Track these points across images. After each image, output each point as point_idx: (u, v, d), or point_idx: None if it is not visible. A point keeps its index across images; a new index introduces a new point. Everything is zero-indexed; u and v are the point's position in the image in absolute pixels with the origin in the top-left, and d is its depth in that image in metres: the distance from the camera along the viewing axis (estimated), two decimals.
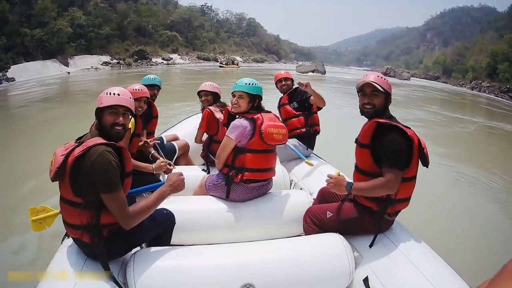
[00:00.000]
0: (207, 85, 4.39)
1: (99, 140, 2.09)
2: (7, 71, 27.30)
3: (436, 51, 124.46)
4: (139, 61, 50.55)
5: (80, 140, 2.16)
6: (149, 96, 3.65)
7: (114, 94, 2.21)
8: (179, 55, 65.95)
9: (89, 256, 2.23)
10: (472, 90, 49.66)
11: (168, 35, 66.19)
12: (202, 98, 4.41)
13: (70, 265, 2.17)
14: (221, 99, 4.45)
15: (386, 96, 2.55)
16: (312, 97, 4.40)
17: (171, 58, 60.15)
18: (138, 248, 2.51)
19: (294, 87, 4.78)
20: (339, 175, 2.75)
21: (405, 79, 55.45)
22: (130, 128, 3.25)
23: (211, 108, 4.21)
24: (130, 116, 2.33)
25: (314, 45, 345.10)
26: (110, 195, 2.02)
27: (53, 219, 2.66)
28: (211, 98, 4.38)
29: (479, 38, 75.21)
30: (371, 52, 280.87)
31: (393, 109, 2.64)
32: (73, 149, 2.07)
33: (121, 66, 45.66)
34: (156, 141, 4.14)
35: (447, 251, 3.08)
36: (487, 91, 45.96)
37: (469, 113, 21.64)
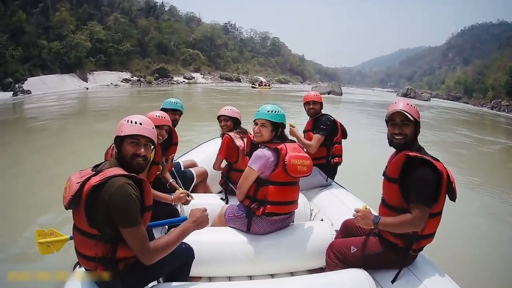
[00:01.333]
0: (227, 110, 4.25)
1: (119, 171, 2.04)
2: (23, 83, 27.36)
3: (458, 70, 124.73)
4: (159, 79, 50.28)
5: (97, 169, 2.11)
6: (170, 125, 3.56)
7: (135, 123, 2.15)
8: (201, 74, 65.79)
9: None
10: (492, 109, 48.41)
11: (190, 53, 66.33)
12: (222, 124, 4.28)
13: None
14: (241, 125, 4.30)
15: (416, 125, 2.50)
16: (315, 135, 4.36)
17: (193, 77, 59.82)
18: (155, 282, 2.44)
19: (322, 112, 4.63)
20: (366, 208, 2.69)
21: (425, 100, 54.42)
22: (150, 160, 2.97)
23: (231, 134, 4.09)
24: (152, 147, 2.29)
25: (339, 66, 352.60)
26: (130, 229, 1.96)
27: (63, 244, 2.62)
28: (231, 123, 4.23)
29: (498, 56, 74.52)
30: (395, 73, 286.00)
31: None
32: (89, 178, 2.02)
33: (142, 83, 45.37)
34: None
35: (472, 285, 3.24)
36: (506, 110, 45.04)
37: (489, 133, 21.35)
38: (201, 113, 18.96)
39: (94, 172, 2.05)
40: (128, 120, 2.14)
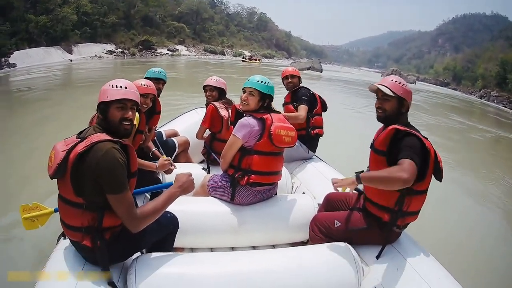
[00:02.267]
0: (213, 80, 4.24)
1: (105, 136, 1.98)
2: (9, 57, 27.08)
3: (447, 56, 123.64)
4: (143, 51, 50.38)
5: (82, 136, 2.04)
6: (155, 93, 3.52)
7: (121, 87, 2.08)
8: (185, 46, 65.65)
9: (88, 260, 2.14)
10: (481, 98, 49.19)
11: (175, 26, 66.04)
12: (207, 93, 4.27)
13: (68, 268, 2.09)
14: (227, 96, 4.31)
15: (399, 101, 2.49)
16: (299, 106, 4.34)
17: (177, 50, 59.81)
18: (139, 253, 2.43)
19: (300, 85, 4.62)
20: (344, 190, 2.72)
21: (411, 83, 54.41)
22: (135, 124, 3.11)
23: (216, 104, 4.09)
24: (136, 109, 2.21)
25: (326, 44, 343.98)
26: (117, 195, 1.91)
27: (47, 218, 2.61)
28: (216, 93, 4.22)
29: (490, 46, 74.99)
30: (383, 54, 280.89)
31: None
32: (75, 145, 1.95)
33: (125, 55, 45.41)
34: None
35: (454, 264, 3.06)
36: (495, 101, 45.44)
37: (478, 121, 21.55)
38: (186, 85, 19.35)
39: (79, 140, 1.98)
40: (112, 85, 2.08)
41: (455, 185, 7.26)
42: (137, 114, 3.08)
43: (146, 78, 3.95)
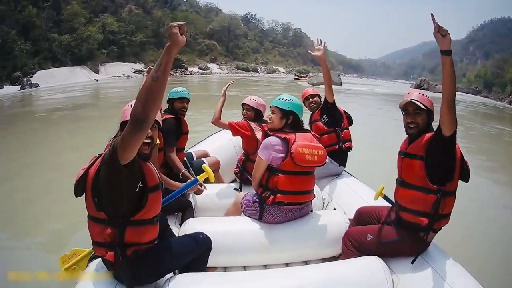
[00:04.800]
0: (251, 100, 4.13)
1: None
2: (31, 77, 27.70)
3: (478, 64, 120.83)
4: (173, 70, 49.89)
5: (102, 154, 2.07)
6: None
7: None
8: (217, 64, 65.63)
9: (118, 280, 2.17)
10: (510, 104, 47.43)
11: (207, 44, 66.21)
12: (243, 112, 4.17)
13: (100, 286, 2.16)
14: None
15: (428, 113, 2.61)
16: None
17: (208, 68, 59.76)
18: (171, 274, 2.42)
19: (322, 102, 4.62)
20: (382, 190, 3.15)
21: (439, 92, 53.06)
22: (158, 143, 3.05)
23: (252, 124, 3.98)
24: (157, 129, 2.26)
25: (363, 58, 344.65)
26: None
27: (86, 260, 2.59)
28: (252, 114, 4.09)
29: None
30: (418, 65, 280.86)
31: None
32: (93, 162, 2.06)
33: None
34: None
35: (482, 274, 2.94)
36: None
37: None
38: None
39: (97, 156, 2.08)
40: (131, 105, 2.07)
41: (485, 191, 7.36)
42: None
43: (169, 99, 4.03)
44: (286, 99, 3.09)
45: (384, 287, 2.46)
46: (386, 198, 3.55)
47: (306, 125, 4.37)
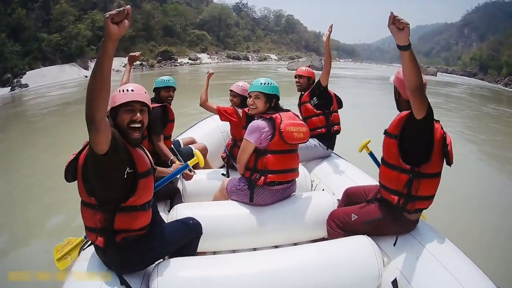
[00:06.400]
0: (237, 86, 4.21)
1: None
2: (21, 77, 27.48)
3: (474, 47, 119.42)
4: (162, 62, 50.24)
5: None
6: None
7: (127, 90, 2.10)
8: (208, 54, 65.03)
9: (109, 267, 2.15)
10: (506, 86, 46.87)
11: (197, 34, 65.51)
12: (230, 98, 4.28)
13: (89, 274, 2.14)
14: None
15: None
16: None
17: (198, 58, 59.25)
18: (161, 260, 2.41)
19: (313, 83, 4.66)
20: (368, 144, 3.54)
21: (431, 75, 51.44)
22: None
23: (239, 110, 4.03)
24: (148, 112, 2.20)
25: (357, 42, 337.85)
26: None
27: (78, 248, 2.70)
28: (238, 100, 4.18)
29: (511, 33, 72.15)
30: (413, 48, 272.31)
31: None
32: (83, 148, 2.02)
33: (144, 67, 45.38)
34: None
35: (474, 251, 3.06)
36: None
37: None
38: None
39: (88, 143, 1.96)
40: (119, 90, 2.10)
41: (479, 169, 7.61)
42: None
43: (155, 88, 4.09)
44: (267, 83, 3.14)
45: (374, 266, 2.49)
46: (371, 155, 3.84)
47: (295, 106, 4.75)
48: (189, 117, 9.37)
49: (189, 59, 57.36)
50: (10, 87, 25.87)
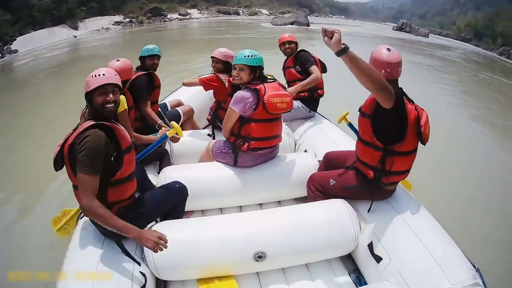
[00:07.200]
0: (219, 53, 4.19)
1: (90, 122, 2.14)
2: (11, 44, 26.77)
3: (469, 14, 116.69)
4: (152, 18, 49.22)
5: (74, 128, 2.20)
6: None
7: (99, 75, 2.20)
8: (198, 9, 64.08)
9: (106, 235, 2.30)
10: (501, 55, 47.45)
11: None
12: (212, 64, 4.28)
13: (90, 245, 2.25)
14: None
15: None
16: (311, 67, 4.40)
17: (188, 13, 58.36)
18: (154, 222, 2.57)
19: (298, 50, 4.71)
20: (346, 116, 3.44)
21: (423, 36, 51.21)
22: (126, 108, 3.21)
23: (221, 76, 4.09)
24: (120, 92, 2.32)
25: (351, 0, 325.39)
26: (82, 175, 2.03)
27: (75, 218, 2.76)
28: (221, 66, 4.19)
29: (509, 6, 71.67)
30: (407, 10, 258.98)
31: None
32: (68, 138, 2.14)
33: (133, 24, 44.26)
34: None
35: (451, 220, 3.25)
36: None
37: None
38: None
39: (71, 132, 2.15)
40: (92, 76, 2.18)
41: (465, 142, 7.44)
42: (122, 97, 3.08)
43: (140, 56, 4.08)
44: (251, 56, 3.13)
45: (351, 230, 2.57)
46: (350, 125, 3.83)
47: (280, 71, 4.76)
48: (176, 74, 9.92)
49: (179, 14, 56.65)
50: (0, 55, 24.67)
